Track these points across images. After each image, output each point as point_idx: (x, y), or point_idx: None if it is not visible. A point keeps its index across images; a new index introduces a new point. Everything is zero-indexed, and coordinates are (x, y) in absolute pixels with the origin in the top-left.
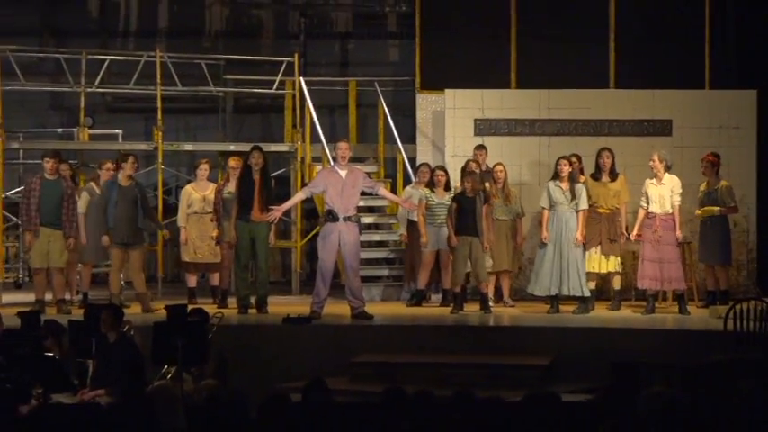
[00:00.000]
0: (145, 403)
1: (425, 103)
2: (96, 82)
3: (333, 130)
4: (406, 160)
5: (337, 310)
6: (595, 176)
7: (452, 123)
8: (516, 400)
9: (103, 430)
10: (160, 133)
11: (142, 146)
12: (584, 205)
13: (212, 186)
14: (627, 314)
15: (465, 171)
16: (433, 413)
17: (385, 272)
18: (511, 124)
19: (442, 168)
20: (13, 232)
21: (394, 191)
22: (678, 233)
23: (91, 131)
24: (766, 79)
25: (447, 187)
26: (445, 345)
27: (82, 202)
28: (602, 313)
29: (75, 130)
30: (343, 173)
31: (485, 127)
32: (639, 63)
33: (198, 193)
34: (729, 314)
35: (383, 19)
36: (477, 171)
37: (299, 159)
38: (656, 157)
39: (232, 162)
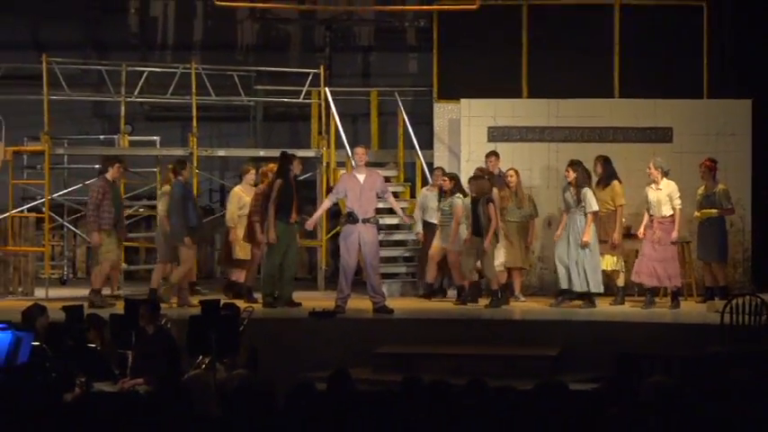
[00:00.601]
0: (181, 391)
1: (442, 111)
2: (136, 92)
3: (356, 137)
4: (424, 165)
5: (360, 305)
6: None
7: (467, 130)
8: (527, 389)
9: (142, 417)
10: (195, 140)
11: (178, 151)
12: (590, 208)
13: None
14: (630, 309)
15: (471, 177)
16: (449, 401)
17: (403, 269)
18: (522, 131)
19: (448, 174)
20: (58, 231)
21: (413, 193)
22: (674, 234)
23: (130, 138)
24: (761, 89)
25: (454, 191)
26: (460, 337)
27: (162, 204)
28: (606, 308)
29: (115, 136)
30: (361, 177)
31: (497, 134)
32: (642, 74)
33: (247, 196)
34: (726, 309)
35: (403, 33)
36: (485, 177)
37: (324, 164)
38: (651, 165)
39: (267, 168)
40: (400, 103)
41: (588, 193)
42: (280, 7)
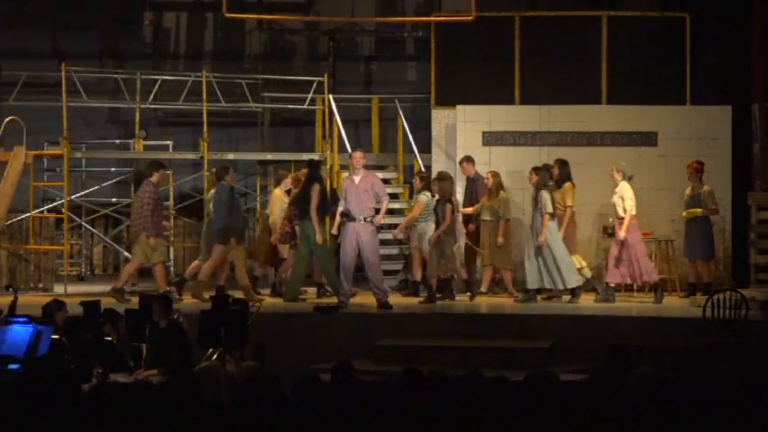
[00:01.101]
0: (192, 382)
1: (439, 117)
2: (150, 99)
3: (358, 142)
4: (423, 168)
5: (362, 300)
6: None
7: (463, 135)
8: (520, 380)
9: (155, 406)
10: (206, 144)
11: (190, 155)
12: (545, 210)
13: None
14: (618, 304)
15: (435, 177)
16: (447, 391)
17: (401, 266)
18: (515, 136)
19: (419, 173)
20: (76, 231)
21: (411, 194)
22: (621, 233)
23: (145, 143)
24: (740, 96)
25: (421, 189)
26: (457, 330)
27: (212, 206)
28: (596, 302)
29: (130, 141)
30: (357, 179)
31: (492, 138)
32: (628, 82)
33: (285, 199)
34: (708, 304)
35: (402, 43)
36: (449, 179)
37: (328, 167)
38: (613, 168)
39: (300, 173)
40: (400, 110)
41: (544, 194)
42: (286, 18)
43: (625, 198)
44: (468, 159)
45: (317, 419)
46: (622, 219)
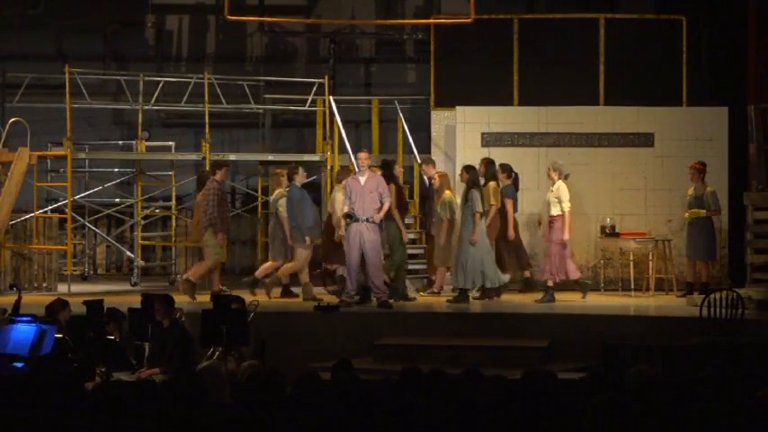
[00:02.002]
0: (194, 380)
1: (439, 118)
2: (152, 100)
3: (358, 143)
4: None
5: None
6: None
7: (462, 136)
8: (517, 378)
9: (158, 404)
10: (208, 145)
11: (192, 156)
12: (474, 208)
13: None
14: (615, 302)
15: None
16: (446, 389)
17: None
18: (514, 137)
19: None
20: (79, 231)
21: (411, 195)
22: (566, 234)
23: (147, 144)
24: (736, 97)
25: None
26: (456, 329)
27: (281, 206)
28: (593, 301)
29: (133, 142)
30: (362, 179)
31: (491, 139)
32: (625, 83)
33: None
34: (704, 303)
35: (402, 45)
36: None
37: (328, 168)
38: (550, 168)
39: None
40: (399, 111)
41: (475, 193)
42: (287, 21)
43: (563, 198)
44: (429, 161)
45: (317, 418)
46: (553, 218)
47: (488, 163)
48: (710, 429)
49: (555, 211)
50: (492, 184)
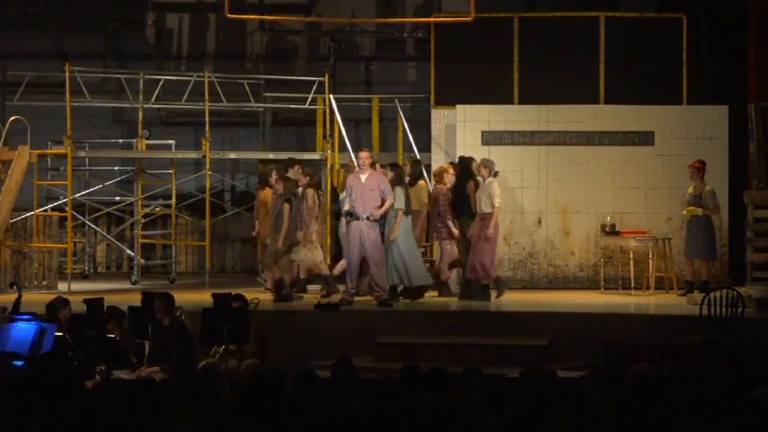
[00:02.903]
0: (194, 379)
1: (439, 117)
2: (152, 99)
3: (358, 141)
4: (422, 167)
5: (362, 297)
6: None
7: (462, 135)
8: (514, 377)
9: (158, 403)
10: (208, 143)
11: (192, 154)
12: (397, 206)
13: None
14: (615, 301)
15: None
16: (446, 387)
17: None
18: (514, 135)
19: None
20: (80, 229)
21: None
22: (490, 230)
23: (148, 142)
24: (736, 96)
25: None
26: (456, 328)
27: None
28: (593, 299)
29: (134, 140)
30: (363, 177)
31: (491, 138)
32: (626, 82)
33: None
34: (704, 301)
35: (402, 44)
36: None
37: (328, 166)
38: (480, 165)
39: (441, 169)
40: (400, 110)
41: (398, 190)
42: (287, 19)
43: (494, 195)
44: (383, 166)
45: (316, 417)
46: (485, 215)
47: (414, 162)
48: (710, 428)
49: (486, 208)
50: (422, 182)
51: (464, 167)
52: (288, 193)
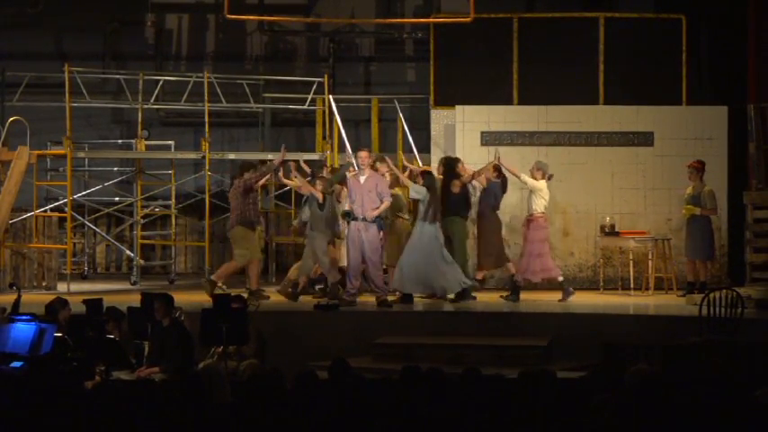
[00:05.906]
0: (194, 379)
1: (438, 117)
2: (152, 99)
3: (358, 142)
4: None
5: (361, 298)
6: None
7: (462, 135)
8: (514, 377)
9: (158, 403)
10: (207, 144)
11: (192, 155)
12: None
13: None
14: (615, 301)
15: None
16: (445, 388)
17: None
18: (513, 136)
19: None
20: (79, 230)
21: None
22: (546, 230)
23: (147, 142)
24: (735, 97)
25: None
26: (455, 328)
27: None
28: (593, 300)
29: (133, 141)
30: (363, 178)
31: (490, 138)
32: (625, 82)
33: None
34: (704, 302)
35: (402, 44)
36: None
37: (328, 167)
38: (533, 167)
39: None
40: (399, 110)
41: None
42: (286, 20)
43: (543, 197)
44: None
45: (315, 416)
46: (535, 217)
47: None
48: (710, 428)
49: (539, 209)
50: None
51: (448, 168)
52: (325, 190)
